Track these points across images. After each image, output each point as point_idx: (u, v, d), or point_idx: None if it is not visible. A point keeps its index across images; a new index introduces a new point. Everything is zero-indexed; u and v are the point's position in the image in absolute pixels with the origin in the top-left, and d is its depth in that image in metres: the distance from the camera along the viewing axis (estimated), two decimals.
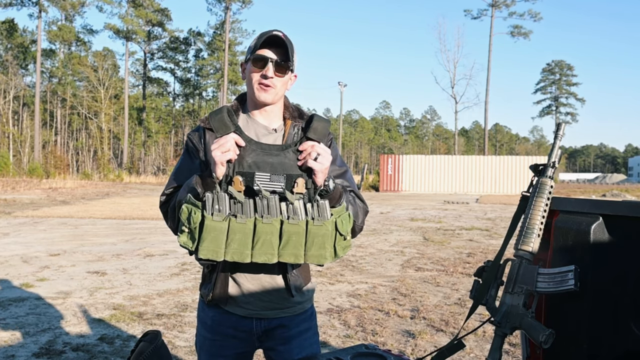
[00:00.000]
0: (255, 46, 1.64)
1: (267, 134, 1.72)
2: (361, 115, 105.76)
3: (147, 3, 52.79)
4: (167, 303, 5.27)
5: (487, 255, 8.45)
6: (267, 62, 1.64)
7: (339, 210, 1.52)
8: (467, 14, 53.16)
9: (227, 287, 1.66)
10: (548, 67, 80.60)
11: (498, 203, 22.20)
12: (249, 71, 1.68)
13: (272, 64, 1.64)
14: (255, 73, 1.65)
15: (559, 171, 72.42)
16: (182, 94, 64.97)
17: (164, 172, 52.72)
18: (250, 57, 1.66)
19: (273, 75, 1.65)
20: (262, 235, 1.44)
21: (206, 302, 1.69)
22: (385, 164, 33.09)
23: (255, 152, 1.55)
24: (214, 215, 1.41)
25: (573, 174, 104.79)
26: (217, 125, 1.54)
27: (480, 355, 3.90)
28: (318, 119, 1.63)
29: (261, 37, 1.66)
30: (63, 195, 22.34)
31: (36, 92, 45.20)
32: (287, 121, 1.75)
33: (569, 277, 1.31)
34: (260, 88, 1.66)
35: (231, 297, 1.67)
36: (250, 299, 1.66)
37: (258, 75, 1.65)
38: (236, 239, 1.43)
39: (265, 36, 1.63)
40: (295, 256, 1.46)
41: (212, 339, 1.71)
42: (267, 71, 1.64)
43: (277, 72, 1.66)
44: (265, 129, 1.72)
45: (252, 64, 1.65)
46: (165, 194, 1.69)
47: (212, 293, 1.65)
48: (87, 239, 9.87)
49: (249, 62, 1.69)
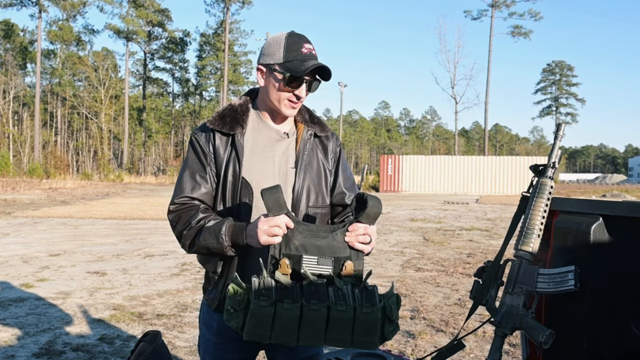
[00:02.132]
0: (296, 69, 1.56)
1: (280, 139, 1.68)
2: (361, 116, 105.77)
3: (148, 3, 52.81)
4: (167, 303, 5.27)
5: (487, 255, 8.44)
6: (303, 83, 1.60)
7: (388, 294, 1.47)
8: (467, 14, 53.14)
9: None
10: (548, 68, 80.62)
11: (498, 203, 22.19)
12: (278, 85, 1.60)
13: (306, 84, 1.61)
14: (286, 92, 1.60)
15: (559, 171, 72.33)
16: (181, 94, 65.01)
17: (164, 172, 52.70)
18: (287, 75, 1.58)
19: (304, 95, 1.63)
20: (308, 321, 1.39)
21: (213, 308, 1.66)
22: (385, 165, 33.08)
23: (303, 234, 1.47)
24: (260, 300, 1.36)
25: (573, 175, 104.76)
26: (271, 204, 1.45)
27: (480, 355, 3.90)
28: (373, 203, 1.49)
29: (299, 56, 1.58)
30: (63, 196, 22.34)
31: (36, 92, 45.19)
32: (298, 125, 1.72)
33: (569, 277, 1.31)
34: (290, 105, 1.63)
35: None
36: None
37: (289, 94, 1.61)
38: (282, 324, 1.38)
39: (311, 64, 1.56)
40: (342, 341, 1.41)
41: (216, 342, 1.69)
42: (300, 92, 1.61)
43: (308, 90, 1.64)
44: (277, 134, 1.68)
45: (286, 82, 1.59)
46: (176, 204, 1.61)
47: (220, 299, 1.62)
48: (87, 239, 9.87)
49: (276, 73, 1.60)
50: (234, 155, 1.62)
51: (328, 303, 1.38)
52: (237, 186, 1.61)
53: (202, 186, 1.62)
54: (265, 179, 1.61)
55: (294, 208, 1.64)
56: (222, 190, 1.63)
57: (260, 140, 1.67)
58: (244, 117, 1.67)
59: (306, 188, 1.66)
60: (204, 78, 62.30)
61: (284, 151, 1.67)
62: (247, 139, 1.65)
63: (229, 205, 1.62)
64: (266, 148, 1.66)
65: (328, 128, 1.77)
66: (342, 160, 1.79)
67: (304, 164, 1.66)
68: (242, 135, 1.63)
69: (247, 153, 1.63)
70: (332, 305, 1.38)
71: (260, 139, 1.67)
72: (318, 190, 1.69)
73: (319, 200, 1.69)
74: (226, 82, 53.46)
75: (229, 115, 1.66)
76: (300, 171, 1.65)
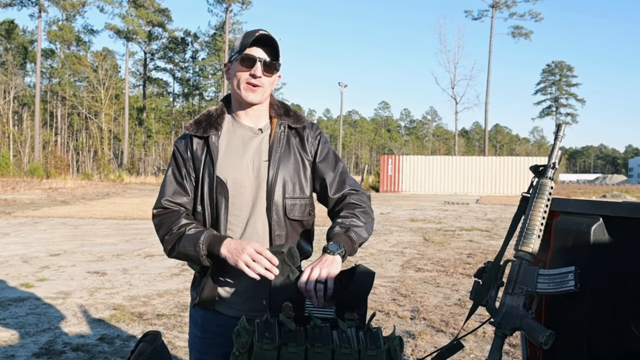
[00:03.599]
0: (243, 45, 1.63)
1: (253, 136, 1.72)
2: (361, 116, 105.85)
3: (148, 3, 52.80)
4: (167, 303, 5.27)
5: (487, 256, 8.44)
6: (256, 62, 1.63)
7: (391, 336, 1.46)
8: (467, 14, 53.10)
9: (215, 291, 1.67)
10: (548, 68, 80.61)
11: (498, 204, 22.19)
12: (235, 70, 1.66)
13: (261, 64, 1.63)
14: (243, 72, 1.64)
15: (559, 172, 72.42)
16: (182, 94, 65.02)
17: (164, 172, 52.58)
18: (238, 57, 1.64)
19: (262, 74, 1.64)
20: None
21: (193, 305, 1.73)
22: (386, 165, 33.07)
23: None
24: (263, 344, 1.35)
25: (573, 175, 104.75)
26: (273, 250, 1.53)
27: (480, 355, 3.90)
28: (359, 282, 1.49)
29: (248, 36, 1.64)
30: (63, 196, 22.34)
31: (36, 92, 45.19)
32: (273, 120, 1.74)
33: (569, 278, 1.31)
34: (248, 88, 1.65)
35: (221, 298, 1.68)
36: (240, 299, 1.68)
37: (246, 75, 1.64)
38: None
39: (254, 35, 1.62)
40: None
41: (202, 337, 1.73)
42: (255, 71, 1.63)
43: (265, 71, 1.65)
44: (250, 131, 1.72)
45: (239, 63, 1.64)
46: (158, 208, 1.70)
47: (200, 297, 1.68)
48: (87, 239, 9.87)
49: (234, 61, 1.67)
50: (208, 156, 1.68)
51: (332, 346, 1.37)
52: (212, 185, 1.66)
53: (183, 192, 1.70)
54: (239, 175, 1.67)
55: (268, 200, 1.67)
56: (201, 190, 1.68)
57: (234, 140, 1.71)
58: (219, 120, 1.72)
59: (281, 180, 1.67)
60: (204, 78, 62.32)
61: (257, 146, 1.71)
62: (222, 140, 1.71)
63: (207, 204, 1.68)
64: (239, 146, 1.71)
65: (304, 119, 1.78)
66: (321, 149, 1.77)
67: (277, 156, 1.68)
68: (216, 136, 1.69)
69: (221, 153, 1.69)
70: (336, 348, 1.37)
71: (234, 139, 1.72)
72: (295, 181, 1.70)
73: (296, 191, 1.70)
74: (226, 82, 53.40)
75: (204, 120, 1.72)
76: (273, 163, 1.67)
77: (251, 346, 1.35)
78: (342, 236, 1.59)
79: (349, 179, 1.77)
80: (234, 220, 1.67)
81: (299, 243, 1.71)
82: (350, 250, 1.59)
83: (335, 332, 1.39)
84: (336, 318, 1.44)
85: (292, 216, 1.69)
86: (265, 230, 1.67)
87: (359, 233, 1.64)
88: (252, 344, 1.35)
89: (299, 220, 1.71)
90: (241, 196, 1.67)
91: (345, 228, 1.62)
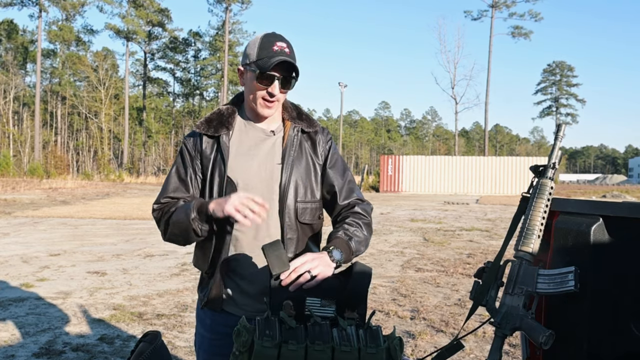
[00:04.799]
0: (263, 63, 1.59)
1: (266, 138, 1.71)
2: (361, 116, 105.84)
3: (148, 3, 52.80)
4: (167, 303, 5.27)
5: (487, 256, 8.45)
6: (274, 80, 1.62)
7: (391, 336, 1.46)
8: (467, 14, 53.10)
9: (222, 291, 1.67)
10: (548, 68, 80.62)
11: (498, 204, 22.19)
12: (252, 83, 1.64)
13: (279, 82, 1.62)
14: (260, 90, 1.63)
15: (559, 172, 72.45)
16: (182, 94, 65.01)
17: (164, 172, 52.71)
18: (256, 72, 1.61)
19: (279, 92, 1.64)
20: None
21: (201, 306, 1.72)
22: (386, 165, 33.07)
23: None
24: (264, 341, 1.36)
25: (573, 175, 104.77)
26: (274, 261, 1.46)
27: (480, 356, 3.90)
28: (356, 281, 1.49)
29: (265, 48, 1.60)
30: (63, 196, 22.33)
31: (36, 92, 45.20)
32: (286, 122, 1.74)
33: (569, 278, 1.31)
34: (264, 104, 1.65)
35: (230, 298, 1.68)
36: (249, 300, 1.67)
37: (263, 92, 1.63)
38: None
39: (275, 55, 1.58)
40: None
41: (210, 338, 1.72)
42: (273, 89, 1.62)
43: (283, 87, 1.64)
44: (263, 133, 1.71)
45: (256, 80, 1.62)
46: (159, 203, 1.70)
47: (207, 297, 1.67)
48: (87, 239, 9.87)
49: (250, 71, 1.64)
50: (219, 156, 1.67)
51: (332, 344, 1.37)
52: (222, 185, 1.66)
53: (184, 189, 1.70)
54: (249, 176, 1.66)
55: (281, 203, 1.67)
56: (210, 189, 1.68)
57: (245, 141, 1.71)
58: (230, 120, 1.72)
59: (293, 183, 1.68)
60: (204, 78, 62.32)
61: (269, 149, 1.70)
62: (234, 140, 1.70)
63: None
64: (251, 147, 1.70)
65: (317, 123, 1.78)
66: (332, 155, 1.78)
67: (290, 159, 1.68)
68: (227, 136, 1.68)
69: (232, 153, 1.68)
70: (336, 346, 1.37)
71: (246, 140, 1.71)
72: (307, 185, 1.70)
73: (307, 195, 1.71)
74: (226, 82, 53.46)
75: (215, 119, 1.71)
76: (286, 167, 1.67)
77: (251, 345, 1.36)
78: (345, 245, 1.59)
79: (356, 188, 1.79)
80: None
81: (308, 246, 1.71)
82: (346, 261, 1.60)
83: (335, 330, 1.40)
84: (336, 317, 1.45)
85: (303, 220, 1.69)
86: (277, 234, 1.66)
87: (358, 246, 1.64)
88: (253, 342, 1.36)
89: (309, 224, 1.71)
90: None
91: (348, 237, 1.63)
